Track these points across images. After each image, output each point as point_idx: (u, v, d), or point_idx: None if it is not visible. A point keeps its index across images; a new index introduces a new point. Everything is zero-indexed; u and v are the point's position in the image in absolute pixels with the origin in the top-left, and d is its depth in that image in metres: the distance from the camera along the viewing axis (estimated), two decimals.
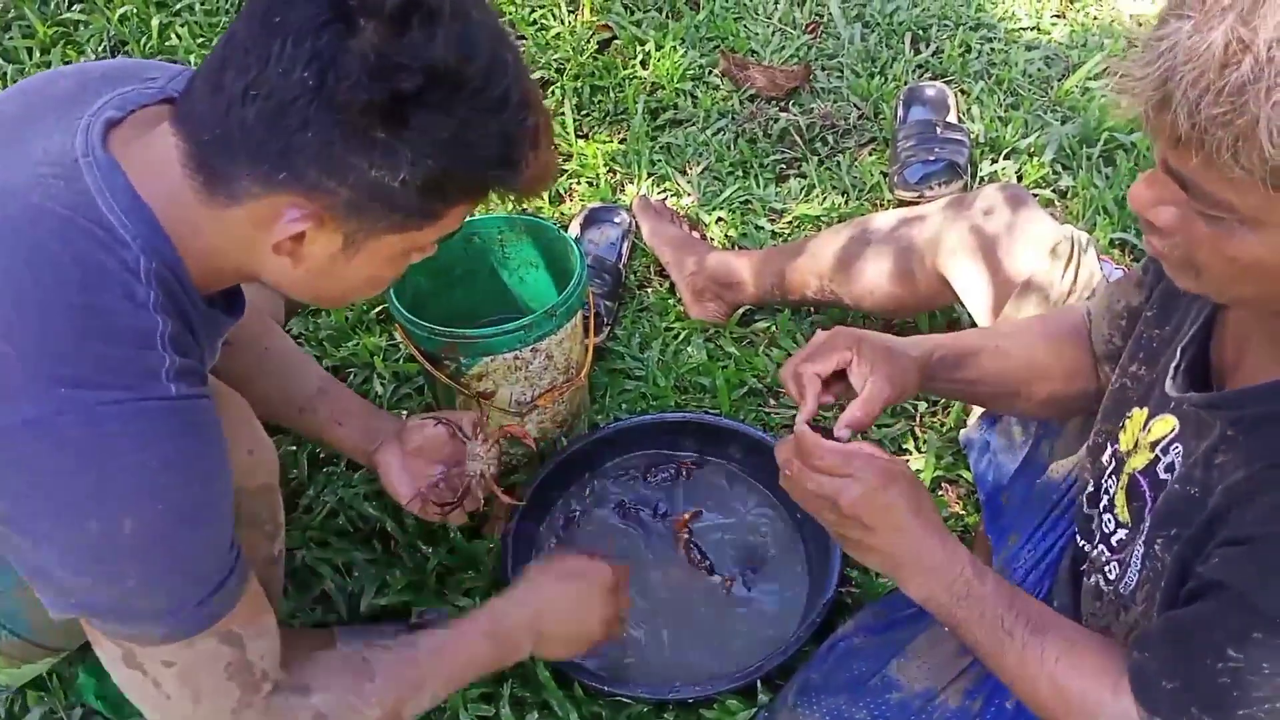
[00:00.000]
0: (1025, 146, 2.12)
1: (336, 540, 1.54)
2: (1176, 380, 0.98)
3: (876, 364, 1.11)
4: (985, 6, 2.48)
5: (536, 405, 1.57)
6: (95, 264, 0.86)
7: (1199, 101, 0.71)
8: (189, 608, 0.91)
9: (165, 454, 0.87)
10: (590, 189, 2.09)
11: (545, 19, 2.43)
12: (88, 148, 0.89)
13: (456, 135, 0.84)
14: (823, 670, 1.24)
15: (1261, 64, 0.69)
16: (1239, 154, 0.71)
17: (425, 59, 0.81)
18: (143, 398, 0.86)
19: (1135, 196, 0.83)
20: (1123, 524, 1.02)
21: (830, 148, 2.19)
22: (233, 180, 0.87)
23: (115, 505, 0.85)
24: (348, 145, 0.83)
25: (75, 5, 2.42)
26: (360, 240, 0.91)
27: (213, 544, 0.93)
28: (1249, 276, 0.81)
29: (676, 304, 1.89)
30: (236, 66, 0.83)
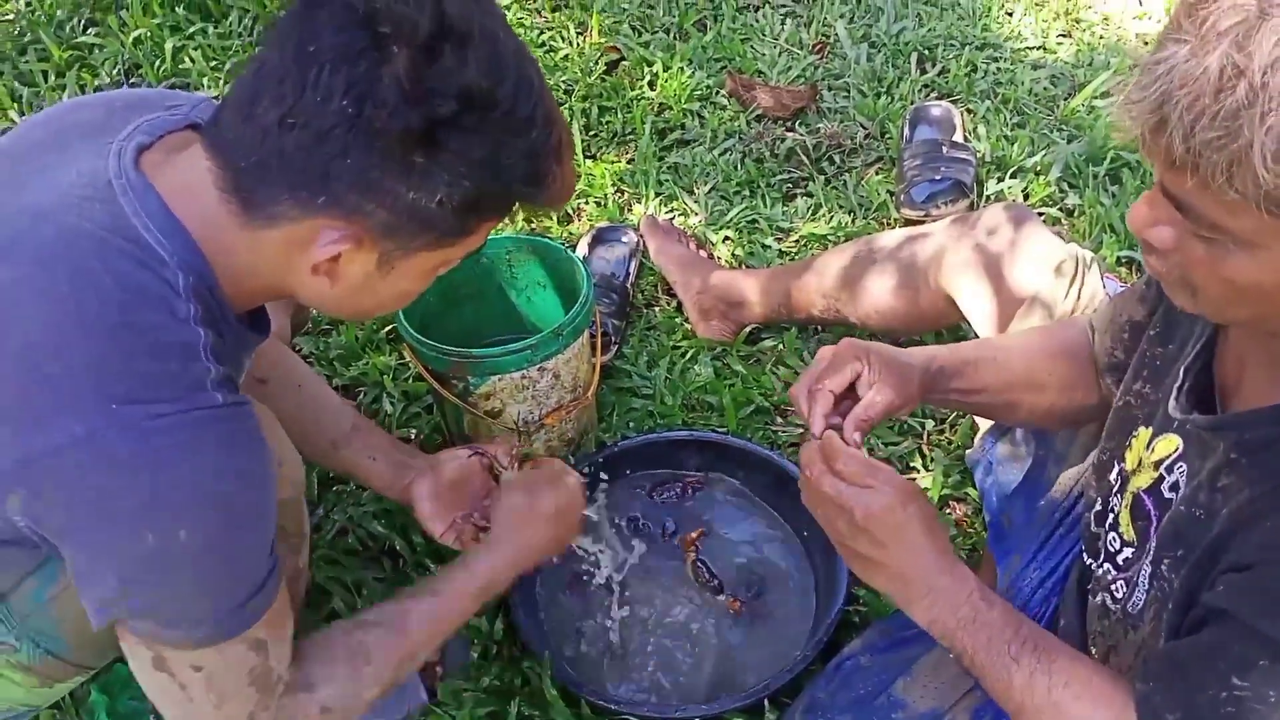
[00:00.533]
0: (1031, 165, 2.13)
1: (345, 559, 1.55)
2: (1180, 401, 0.98)
3: (883, 372, 1.12)
4: (991, 26, 2.49)
5: (544, 424, 1.58)
6: (135, 282, 0.89)
7: (1194, 125, 0.72)
8: (229, 610, 0.94)
9: (216, 462, 0.89)
10: (598, 209, 2.10)
11: (554, 40, 2.45)
12: (120, 170, 0.91)
13: (489, 156, 0.87)
14: (829, 689, 1.24)
15: (1256, 89, 0.69)
16: (1233, 178, 0.72)
17: (459, 84, 0.83)
18: (191, 408, 0.88)
19: (1134, 217, 0.84)
20: (1128, 542, 1.02)
21: (837, 167, 2.20)
22: (271, 204, 0.89)
23: (170, 517, 0.87)
24: (386, 170, 0.85)
25: (90, 29, 2.45)
26: (396, 259, 0.93)
27: (260, 547, 0.96)
28: (1245, 298, 0.81)
29: (684, 323, 1.90)
30: (271, 95, 0.84)
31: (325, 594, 1.51)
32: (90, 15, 2.48)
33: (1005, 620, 1.00)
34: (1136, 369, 1.09)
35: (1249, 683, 0.83)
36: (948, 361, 1.21)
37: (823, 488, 1.03)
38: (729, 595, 1.50)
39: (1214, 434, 0.92)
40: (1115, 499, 1.06)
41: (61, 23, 2.46)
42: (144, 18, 2.42)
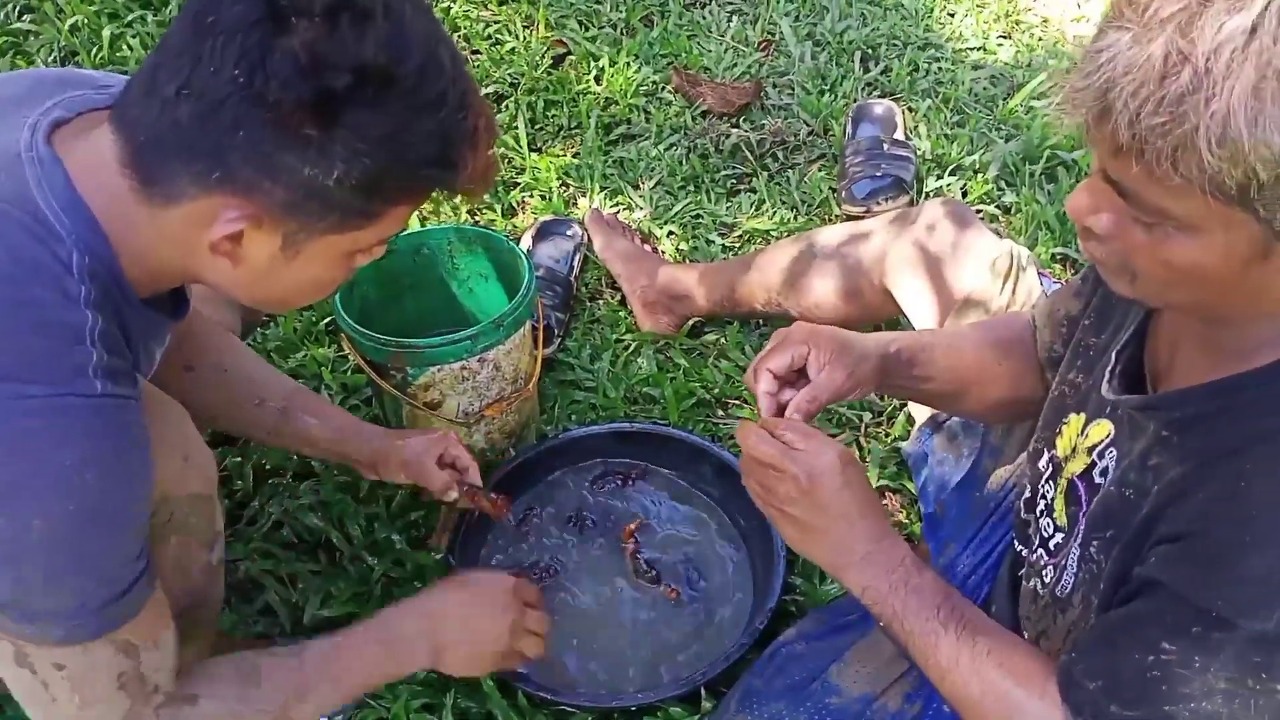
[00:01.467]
0: (970, 163, 2.16)
1: (280, 552, 1.53)
2: (1112, 384, 1.00)
3: (833, 355, 1.12)
4: (933, 27, 2.53)
5: (484, 415, 1.57)
6: (29, 257, 0.86)
7: (1139, 112, 0.72)
8: (89, 611, 0.90)
9: (82, 453, 0.85)
10: (543, 202, 2.10)
11: (500, 34, 2.45)
12: (31, 144, 0.89)
13: (391, 134, 0.85)
14: (764, 676, 1.25)
15: (1200, 74, 0.70)
16: (1178, 163, 0.72)
17: (355, 57, 0.81)
18: (65, 393, 0.85)
19: (1073, 204, 0.85)
20: (1060, 528, 1.03)
21: (780, 164, 2.21)
22: (169, 181, 0.87)
23: (26, 504, 0.84)
24: (280, 144, 0.83)
25: (26, 15, 2.40)
26: (300, 241, 0.91)
27: (122, 550, 0.92)
28: (1185, 281, 0.82)
29: (627, 316, 1.91)
30: (170, 68, 0.83)
31: (259, 587, 1.50)
32: (25, 2, 2.43)
33: (936, 588, 1.02)
34: (1070, 359, 1.11)
35: (1177, 647, 0.84)
36: (905, 346, 1.21)
37: (765, 450, 1.03)
38: (666, 585, 1.50)
39: (1144, 414, 0.94)
40: (1047, 485, 1.08)
41: None
42: (81, 4, 2.38)
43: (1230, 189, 0.72)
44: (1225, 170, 0.71)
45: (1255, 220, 0.74)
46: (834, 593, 1.44)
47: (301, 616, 1.46)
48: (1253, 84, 0.69)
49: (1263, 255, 0.77)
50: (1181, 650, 0.84)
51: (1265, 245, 0.76)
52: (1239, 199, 0.73)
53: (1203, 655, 0.83)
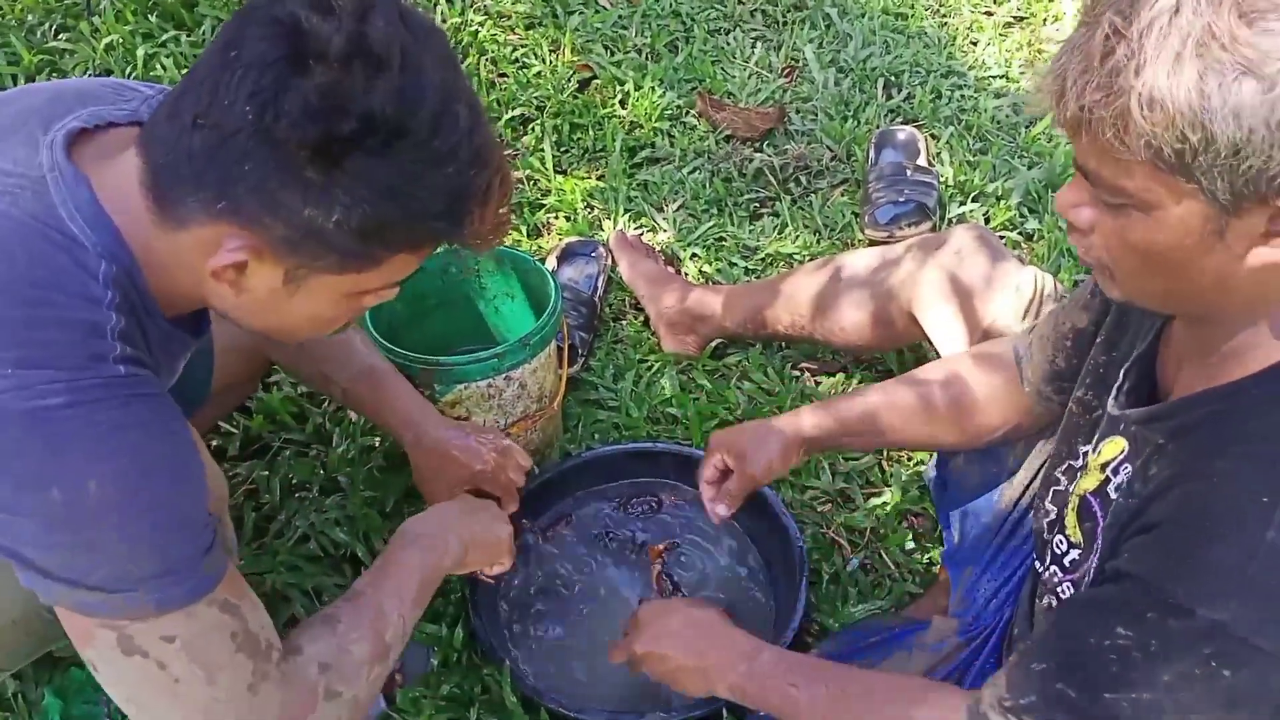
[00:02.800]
0: (993, 190, 2.17)
1: (306, 565, 1.54)
2: (1119, 400, 1.02)
3: (737, 461, 1.38)
4: (956, 55, 2.55)
5: (509, 433, 1.59)
6: (53, 263, 0.88)
7: (1084, 88, 0.79)
8: (178, 568, 0.89)
9: (113, 418, 0.87)
10: (568, 224, 2.12)
11: (527, 58, 2.48)
12: (54, 163, 0.91)
13: (395, 184, 0.85)
14: None
15: (1133, 48, 0.76)
16: (1121, 132, 0.78)
17: (363, 105, 0.82)
18: (89, 374, 0.86)
19: (1059, 200, 0.90)
20: (1074, 544, 1.04)
21: (803, 188, 2.23)
22: (180, 205, 0.89)
23: (73, 469, 0.85)
24: (283, 182, 0.84)
25: (61, 34, 2.44)
26: (301, 277, 0.92)
27: (189, 499, 0.92)
28: (1153, 267, 0.86)
29: (650, 337, 1.92)
30: (193, 95, 0.85)
31: (285, 600, 1.51)
32: (62, 21, 2.47)
33: (775, 660, 1.17)
34: (1083, 377, 1.12)
35: (1132, 633, 0.86)
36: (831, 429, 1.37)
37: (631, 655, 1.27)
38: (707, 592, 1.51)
39: (1148, 426, 0.96)
40: (1061, 503, 1.09)
41: (33, 27, 2.45)
42: (116, 24, 2.42)
43: (1169, 157, 0.77)
44: (1159, 135, 0.76)
45: (1200, 191, 0.78)
46: (858, 615, 1.45)
47: None
48: (1176, 52, 0.75)
49: (1217, 234, 0.81)
50: (1136, 636, 0.86)
51: (1218, 223, 0.80)
52: (1179, 166, 0.78)
53: (1157, 642, 0.85)
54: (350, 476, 1.63)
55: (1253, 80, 0.73)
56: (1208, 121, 0.74)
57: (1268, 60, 0.73)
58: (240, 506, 1.60)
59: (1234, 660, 0.82)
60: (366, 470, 1.63)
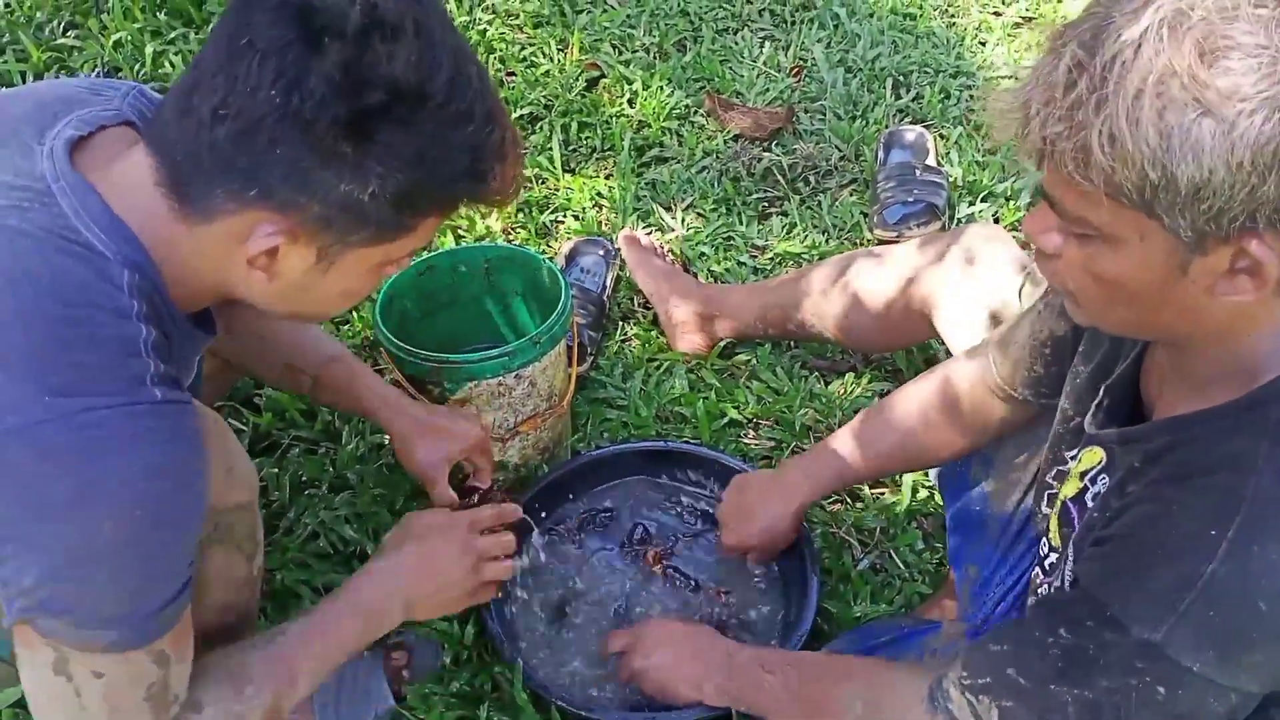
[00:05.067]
0: (1002, 190, 2.17)
1: (316, 562, 1.54)
2: (1096, 418, 1.03)
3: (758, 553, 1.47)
4: (965, 55, 2.55)
5: (519, 431, 1.59)
6: (76, 277, 0.88)
7: (1046, 120, 0.78)
8: (144, 616, 0.92)
9: (148, 459, 0.88)
10: (576, 223, 2.12)
11: (535, 57, 2.48)
12: (57, 173, 0.90)
13: (423, 149, 0.87)
14: None
15: (1095, 82, 0.76)
16: (1081, 165, 0.77)
17: (388, 75, 0.83)
18: (127, 403, 0.87)
19: (1026, 224, 0.90)
20: (1054, 548, 1.06)
21: (812, 187, 2.23)
22: (206, 198, 0.89)
23: (96, 509, 0.86)
24: (316, 161, 0.85)
25: (70, 31, 2.45)
26: (334, 254, 0.93)
27: (181, 555, 0.94)
28: (1117, 298, 0.86)
29: (659, 336, 1.92)
30: (205, 89, 0.85)
31: (295, 597, 1.51)
32: (70, 18, 2.48)
33: (752, 655, 1.24)
34: (1066, 387, 1.13)
35: (1072, 636, 0.89)
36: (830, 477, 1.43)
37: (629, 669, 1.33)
38: (711, 587, 1.51)
39: (1124, 447, 0.97)
40: (1046, 508, 1.11)
41: (41, 24, 2.45)
42: (125, 22, 2.42)
43: (1130, 193, 0.77)
44: (1119, 172, 0.76)
45: (1162, 229, 0.78)
46: (870, 613, 1.45)
47: None
48: (1137, 89, 0.74)
49: (1181, 270, 0.80)
50: (1075, 639, 0.89)
51: (1182, 259, 0.80)
52: (1140, 203, 0.77)
53: (1094, 648, 0.88)
54: (359, 474, 1.63)
55: (1211, 120, 0.72)
56: (1168, 162, 0.74)
57: (1227, 101, 0.72)
58: None
59: (1168, 679, 0.84)
60: (376, 467, 1.63)
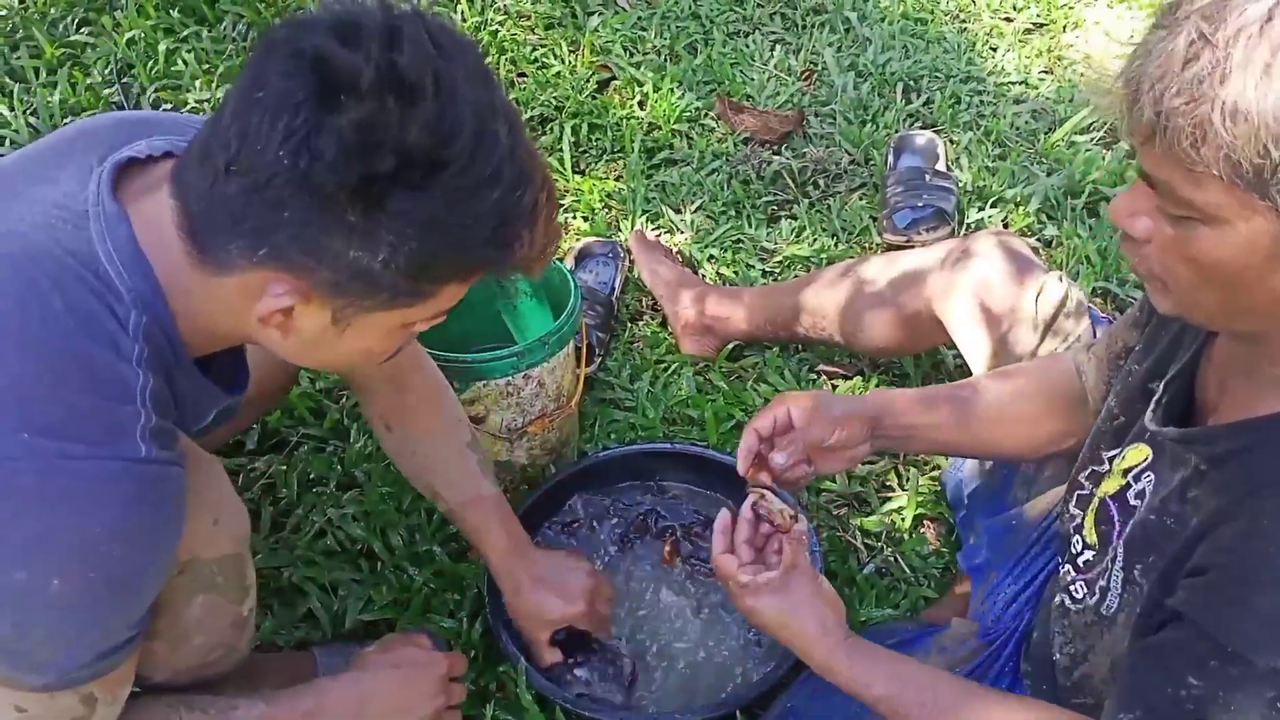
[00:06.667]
0: (1012, 196, 2.17)
1: (323, 560, 1.54)
2: (1157, 414, 1.01)
3: (812, 411, 1.21)
4: (975, 60, 2.55)
5: (527, 431, 1.59)
6: (85, 310, 0.86)
7: (1162, 94, 0.76)
8: (75, 666, 0.89)
9: (113, 521, 0.84)
10: (585, 224, 2.13)
11: (546, 58, 2.48)
12: (98, 197, 0.88)
13: (439, 216, 0.82)
14: (802, 697, 1.26)
15: (1220, 57, 0.74)
16: (1198, 142, 0.76)
17: (399, 140, 0.78)
18: (107, 456, 0.84)
19: (1114, 207, 0.89)
20: (1089, 545, 1.05)
21: (821, 191, 2.23)
22: (220, 251, 0.85)
23: (49, 563, 0.83)
24: (324, 227, 0.81)
25: (83, 28, 2.46)
26: (350, 316, 0.89)
27: (129, 616, 0.91)
28: (1211, 281, 0.84)
29: (667, 338, 1.92)
30: (221, 139, 0.82)
31: (302, 594, 1.51)
32: (84, 14, 2.49)
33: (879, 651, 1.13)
34: (1116, 386, 1.12)
35: (1201, 681, 0.86)
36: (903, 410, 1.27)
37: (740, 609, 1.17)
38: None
39: (1185, 447, 0.95)
40: (1081, 505, 1.10)
41: (55, 20, 2.46)
42: (138, 19, 2.43)
43: (1247, 171, 0.75)
44: (1240, 148, 0.74)
45: (1275, 210, 0.77)
46: (876, 617, 1.45)
47: (343, 622, 1.48)
48: (1265, 63, 0.72)
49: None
50: (1205, 683, 0.86)
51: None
52: (1256, 184, 0.76)
53: (1225, 690, 0.85)
54: (367, 472, 1.64)
55: None
56: None
57: None
58: (258, 501, 1.61)
59: None
60: (384, 465, 1.64)
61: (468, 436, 1.40)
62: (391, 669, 1.23)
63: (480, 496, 1.38)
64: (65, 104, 2.24)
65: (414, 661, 1.25)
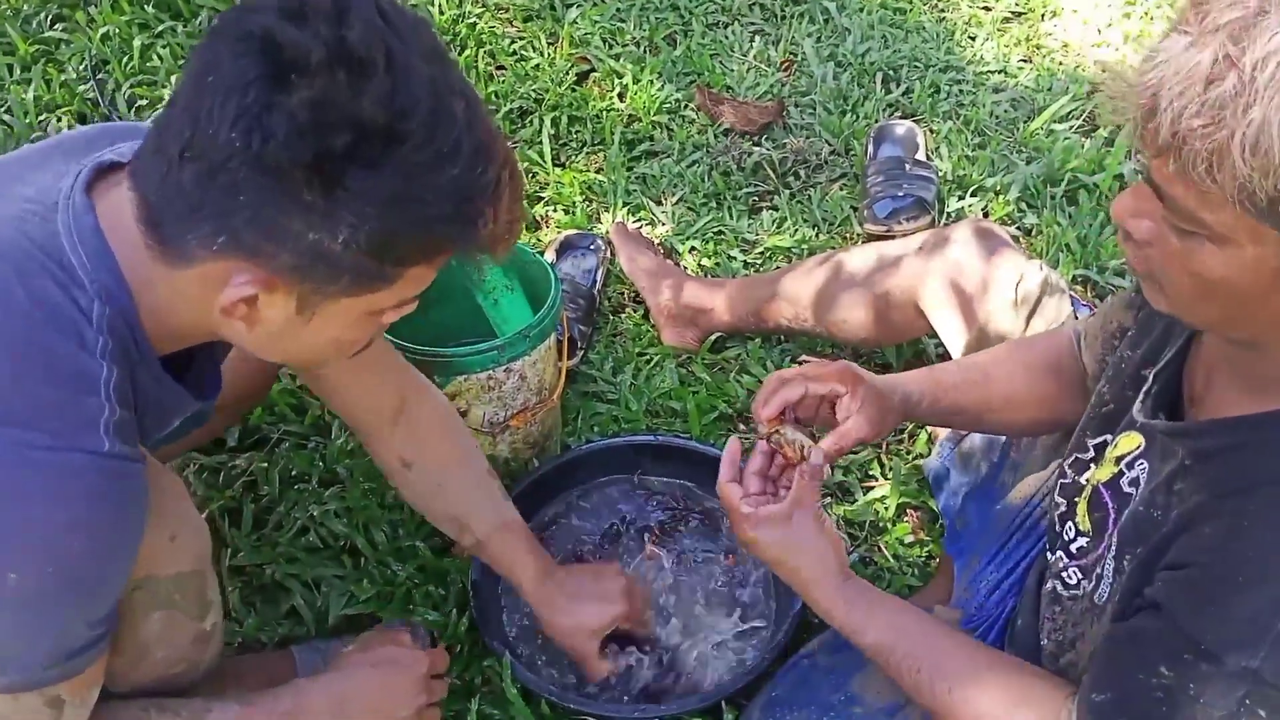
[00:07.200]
0: (991, 185, 2.18)
1: (306, 557, 1.54)
2: (1146, 405, 1.01)
3: (865, 404, 1.18)
4: (954, 50, 2.55)
5: (509, 425, 1.58)
6: (49, 301, 0.84)
7: (1182, 112, 0.73)
8: (37, 665, 0.88)
9: (74, 514, 0.83)
10: (566, 216, 2.12)
11: (525, 50, 2.47)
12: (70, 190, 0.88)
13: (400, 193, 0.80)
14: (787, 686, 1.26)
15: (1245, 81, 0.71)
16: (1213, 168, 0.73)
17: (353, 115, 0.77)
18: (70, 448, 0.83)
19: (1117, 206, 0.86)
20: (1083, 532, 1.05)
21: (802, 182, 2.23)
22: (180, 242, 0.84)
23: (5, 556, 0.82)
24: (282, 209, 0.79)
25: (57, 24, 2.43)
26: (315, 303, 0.87)
27: (89, 615, 0.90)
28: (1212, 295, 0.83)
29: (650, 330, 1.92)
30: (175, 127, 0.80)
31: (285, 591, 1.50)
32: (58, 10, 2.46)
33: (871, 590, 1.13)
34: (1108, 371, 1.12)
35: (1173, 672, 0.86)
36: (925, 391, 1.25)
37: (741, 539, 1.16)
38: (723, 553, 1.53)
39: (1173, 439, 0.95)
40: (1073, 491, 1.10)
41: (28, 17, 2.44)
42: (112, 14, 2.41)
43: (1261, 201, 0.73)
44: (1256, 181, 0.72)
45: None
46: None
47: (326, 619, 1.47)
48: None
49: None
50: (1177, 675, 0.86)
51: None
52: (1268, 213, 0.74)
53: (1195, 683, 0.85)
54: (349, 468, 1.63)
55: None
56: None
57: None
58: (239, 498, 1.60)
59: (1270, 704, 0.82)
60: (365, 461, 1.63)
61: (485, 463, 1.40)
62: (371, 668, 1.23)
63: (507, 522, 1.37)
64: (40, 101, 2.22)
65: (394, 661, 1.24)
